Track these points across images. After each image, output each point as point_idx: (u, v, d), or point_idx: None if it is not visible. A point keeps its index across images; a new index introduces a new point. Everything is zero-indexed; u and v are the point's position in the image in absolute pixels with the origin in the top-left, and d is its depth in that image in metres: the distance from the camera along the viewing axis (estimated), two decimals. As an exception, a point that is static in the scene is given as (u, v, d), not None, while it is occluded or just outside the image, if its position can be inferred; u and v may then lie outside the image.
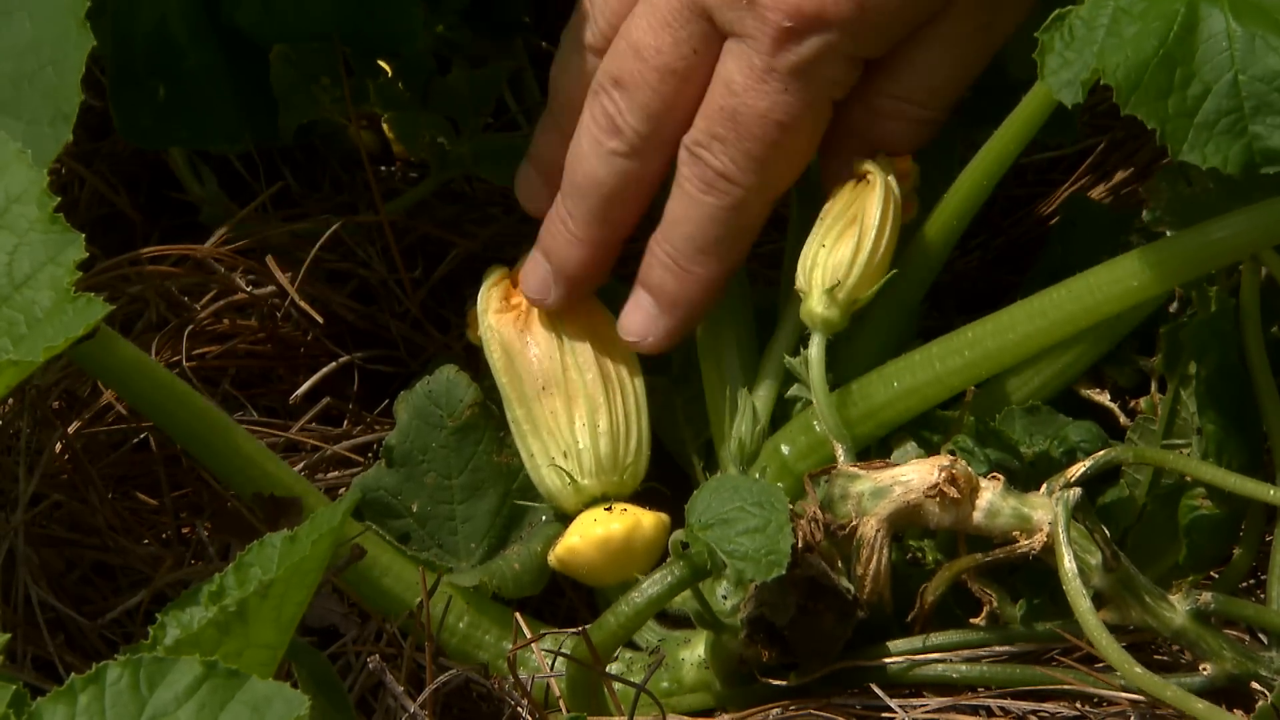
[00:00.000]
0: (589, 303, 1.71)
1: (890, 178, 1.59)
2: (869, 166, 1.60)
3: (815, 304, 1.57)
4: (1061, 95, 1.41)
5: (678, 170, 1.62)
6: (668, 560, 1.51)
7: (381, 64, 1.91)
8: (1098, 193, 1.99)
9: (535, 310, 1.69)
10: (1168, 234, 1.57)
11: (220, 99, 1.87)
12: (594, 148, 1.64)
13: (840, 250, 1.57)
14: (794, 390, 1.65)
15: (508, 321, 1.69)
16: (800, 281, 1.58)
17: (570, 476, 1.66)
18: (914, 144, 1.63)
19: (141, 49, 1.84)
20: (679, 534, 1.49)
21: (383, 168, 2.04)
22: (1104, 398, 1.67)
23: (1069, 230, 1.79)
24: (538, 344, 1.68)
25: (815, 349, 1.57)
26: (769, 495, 1.47)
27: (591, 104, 1.65)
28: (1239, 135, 1.37)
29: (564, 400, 1.67)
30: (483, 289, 1.72)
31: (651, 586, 1.51)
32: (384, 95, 1.88)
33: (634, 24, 1.62)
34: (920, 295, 1.66)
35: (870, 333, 1.65)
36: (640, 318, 1.66)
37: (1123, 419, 1.66)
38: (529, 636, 1.60)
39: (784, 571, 1.43)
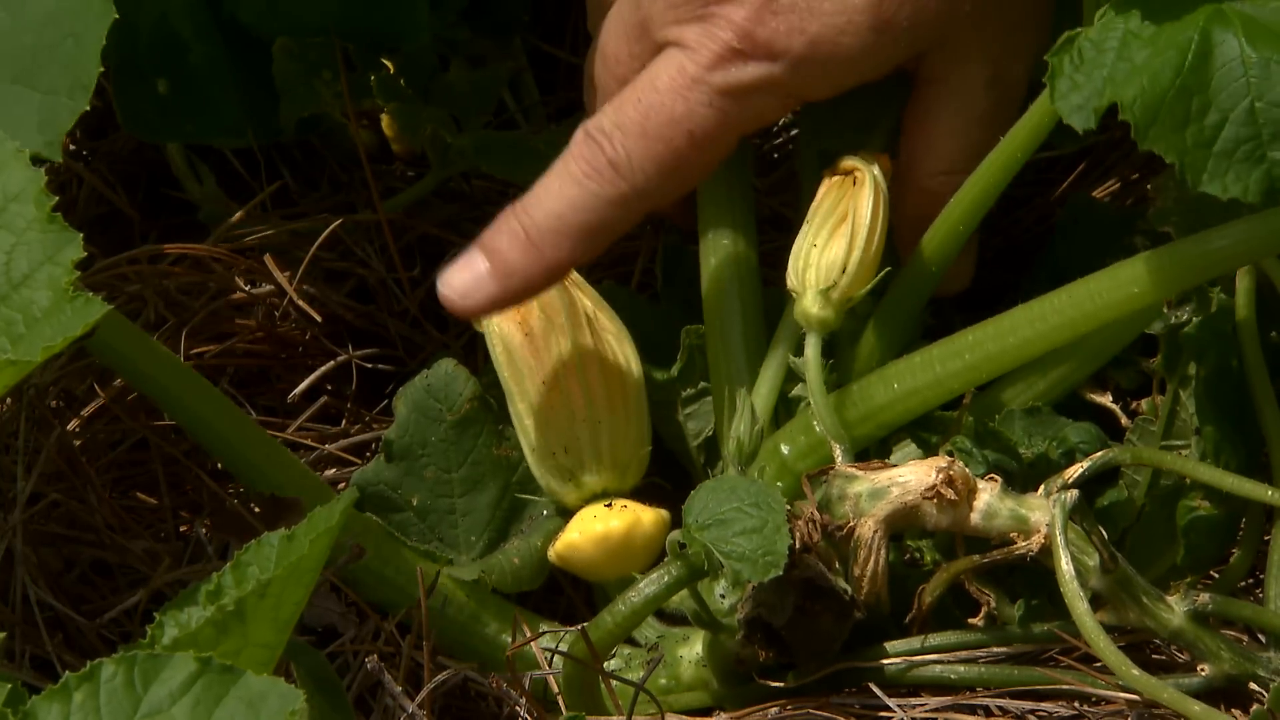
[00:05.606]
0: (591, 298, 1.71)
1: (877, 171, 1.58)
2: (855, 162, 1.59)
3: (809, 304, 1.57)
4: (1072, 120, 1.39)
5: (567, 149, 1.58)
6: (665, 560, 1.50)
7: (384, 63, 1.91)
8: (1097, 191, 1.99)
9: (537, 304, 1.67)
10: (1172, 234, 1.57)
11: (223, 93, 1.88)
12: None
13: (833, 249, 1.57)
14: (796, 390, 1.65)
15: (510, 315, 1.68)
16: (793, 281, 1.58)
17: (571, 472, 1.66)
18: None
19: (145, 43, 1.85)
20: (676, 534, 1.49)
21: (382, 166, 2.03)
22: (1106, 399, 1.67)
23: (1071, 229, 1.79)
24: (540, 338, 1.67)
25: (811, 349, 1.57)
26: (766, 496, 1.47)
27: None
28: (1258, 162, 1.36)
29: (565, 395, 1.66)
30: None
31: (648, 586, 1.50)
32: (386, 88, 1.87)
33: (604, 29, 1.64)
34: (924, 300, 1.66)
35: (876, 336, 1.64)
36: (467, 276, 1.58)
37: (1124, 420, 1.66)
38: (528, 633, 1.60)
39: (781, 572, 1.43)
